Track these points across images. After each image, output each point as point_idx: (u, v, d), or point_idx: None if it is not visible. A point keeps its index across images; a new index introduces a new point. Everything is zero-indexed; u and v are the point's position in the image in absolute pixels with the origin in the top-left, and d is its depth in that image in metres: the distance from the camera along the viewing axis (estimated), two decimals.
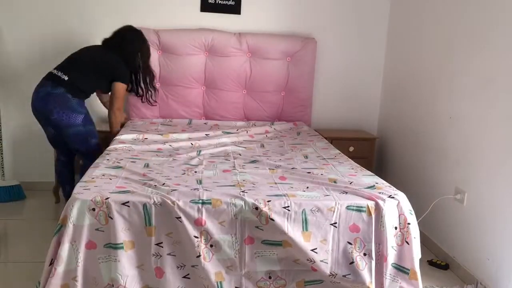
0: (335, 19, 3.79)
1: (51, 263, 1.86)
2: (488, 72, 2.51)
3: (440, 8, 3.04)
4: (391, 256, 2.04)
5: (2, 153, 3.46)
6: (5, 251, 2.74)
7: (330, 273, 2.00)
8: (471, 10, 2.70)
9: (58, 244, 1.86)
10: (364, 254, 2.02)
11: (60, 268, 1.85)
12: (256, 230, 1.96)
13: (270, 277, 2.01)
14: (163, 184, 2.06)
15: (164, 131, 3.15)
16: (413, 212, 2.10)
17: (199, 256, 1.91)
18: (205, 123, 3.55)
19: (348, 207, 2.00)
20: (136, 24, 3.52)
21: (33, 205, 3.41)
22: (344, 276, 2.01)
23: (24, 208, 3.38)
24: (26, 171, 3.64)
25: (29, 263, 2.52)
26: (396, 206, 2.05)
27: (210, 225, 1.92)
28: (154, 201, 1.90)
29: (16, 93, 3.53)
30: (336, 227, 1.99)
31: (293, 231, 1.95)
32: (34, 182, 3.63)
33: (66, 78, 2.87)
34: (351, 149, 3.58)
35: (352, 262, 2.01)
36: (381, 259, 2.04)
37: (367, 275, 2.01)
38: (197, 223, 1.91)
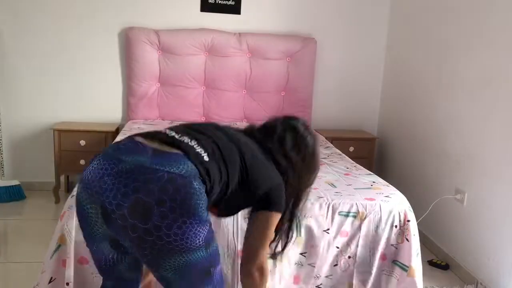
0: (335, 19, 3.78)
1: (51, 281, 1.83)
2: (488, 72, 2.51)
3: (440, 8, 3.04)
4: (391, 254, 2.04)
5: (2, 153, 3.46)
6: (5, 251, 2.74)
7: (315, 275, 2.00)
8: (471, 9, 2.70)
9: (58, 263, 1.84)
10: (349, 257, 2.02)
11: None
12: None
13: None
14: None
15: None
16: (411, 210, 2.10)
17: None
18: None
19: (340, 213, 2.00)
20: (136, 24, 3.54)
21: (33, 205, 3.41)
22: (326, 276, 2.01)
23: (24, 208, 3.38)
24: (26, 171, 3.64)
25: (29, 263, 2.52)
26: (395, 204, 2.05)
27: None
28: None
29: (16, 93, 3.53)
30: (328, 233, 1.99)
31: None
32: (34, 182, 3.63)
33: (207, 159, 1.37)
34: (351, 149, 3.58)
35: (336, 265, 2.02)
36: (379, 258, 2.04)
37: (349, 276, 2.02)
38: None
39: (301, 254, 1.98)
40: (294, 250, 1.96)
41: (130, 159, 1.27)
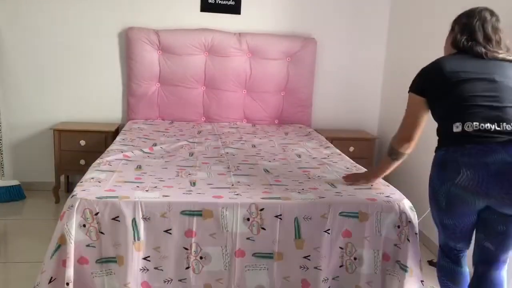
0: (335, 19, 3.79)
1: (51, 281, 1.83)
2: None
3: (441, 8, 3.04)
4: (394, 254, 2.04)
5: (2, 153, 3.46)
6: (5, 251, 2.74)
7: (323, 279, 1.99)
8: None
9: (58, 263, 1.83)
10: (355, 259, 2.02)
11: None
12: (247, 241, 1.93)
13: None
14: (155, 187, 2.02)
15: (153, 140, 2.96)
16: (413, 209, 2.10)
17: (188, 268, 1.89)
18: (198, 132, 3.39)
19: (341, 214, 1.99)
20: (136, 24, 3.54)
21: (33, 205, 3.41)
22: (334, 278, 2.01)
23: (24, 208, 3.38)
24: (26, 171, 3.64)
25: (29, 263, 2.52)
26: (396, 205, 2.05)
27: (200, 236, 1.89)
28: (143, 215, 1.86)
29: (16, 93, 3.53)
30: (329, 233, 1.98)
31: (285, 239, 1.94)
32: (34, 182, 3.63)
33: None
34: (351, 149, 3.58)
35: (342, 266, 2.01)
36: (382, 258, 2.04)
37: (356, 278, 2.02)
38: (187, 234, 1.89)
39: (305, 257, 1.97)
40: (294, 252, 1.96)
41: None
